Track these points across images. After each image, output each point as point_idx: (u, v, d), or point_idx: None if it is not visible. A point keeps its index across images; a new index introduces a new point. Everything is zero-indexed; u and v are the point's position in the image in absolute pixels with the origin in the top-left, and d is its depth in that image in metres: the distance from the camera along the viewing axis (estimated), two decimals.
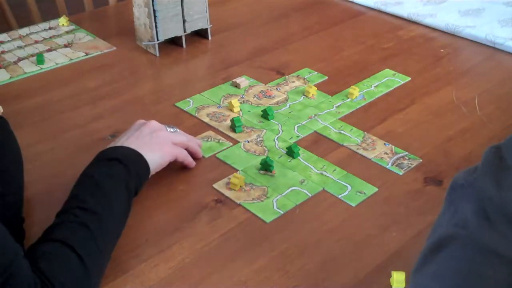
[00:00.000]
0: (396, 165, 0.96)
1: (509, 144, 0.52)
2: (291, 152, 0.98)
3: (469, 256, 0.52)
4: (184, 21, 1.31)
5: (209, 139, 1.03)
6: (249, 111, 1.10)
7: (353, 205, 0.89)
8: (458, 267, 0.53)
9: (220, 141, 1.02)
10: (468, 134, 1.05)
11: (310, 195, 0.90)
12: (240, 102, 1.12)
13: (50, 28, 1.41)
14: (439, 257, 0.54)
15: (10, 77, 1.21)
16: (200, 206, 0.88)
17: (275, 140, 1.02)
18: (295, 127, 1.06)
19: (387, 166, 0.96)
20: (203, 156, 0.98)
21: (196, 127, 1.06)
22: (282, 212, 0.87)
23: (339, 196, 0.90)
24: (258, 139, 1.03)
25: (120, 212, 0.79)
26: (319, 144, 1.02)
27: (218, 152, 0.99)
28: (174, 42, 1.34)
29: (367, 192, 0.91)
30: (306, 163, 0.97)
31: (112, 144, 0.88)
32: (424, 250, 0.56)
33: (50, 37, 1.37)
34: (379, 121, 1.08)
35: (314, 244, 0.82)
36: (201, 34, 1.37)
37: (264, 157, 0.96)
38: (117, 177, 0.81)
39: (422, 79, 1.22)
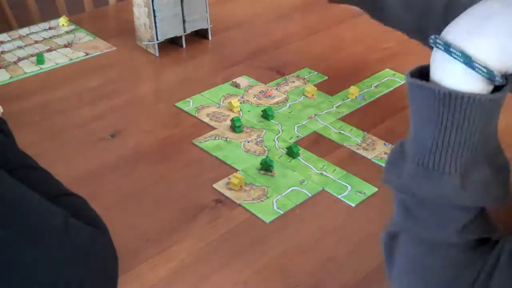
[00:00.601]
0: None
1: (408, 137, 0.54)
2: (291, 152, 0.98)
3: (407, 251, 0.55)
4: (184, 21, 1.31)
5: (217, 138, 1.03)
6: (249, 111, 1.10)
7: (353, 205, 0.89)
8: (406, 264, 0.56)
9: (228, 139, 1.02)
10: None
11: (310, 195, 0.90)
12: (240, 102, 1.12)
13: (50, 28, 1.41)
14: (393, 256, 0.57)
15: (10, 77, 1.21)
16: (200, 206, 0.88)
17: (275, 140, 1.02)
18: (295, 127, 1.06)
19: None
20: (211, 154, 0.98)
21: (196, 127, 1.06)
22: (282, 212, 0.87)
23: (339, 196, 0.90)
24: (258, 139, 1.03)
25: None
26: (319, 144, 1.02)
27: (221, 151, 0.99)
28: (174, 42, 1.34)
29: (367, 192, 0.91)
30: (306, 163, 0.97)
31: None
32: (383, 245, 0.59)
33: (50, 37, 1.37)
34: (379, 121, 1.08)
35: (314, 244, 0.82)
36: (201, 34, 1.37)
37: (264, 157, 0.96)
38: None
39: None
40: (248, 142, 1.02)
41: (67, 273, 0.60)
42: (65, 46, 1.33)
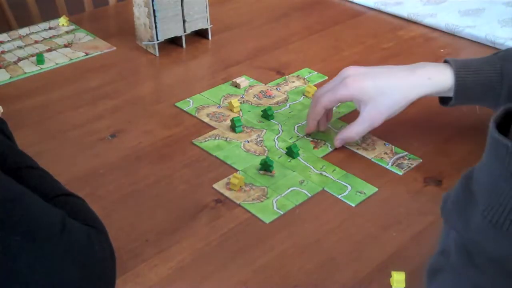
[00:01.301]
0: (396, 165, 0.96)
1: (478, 174, 0.48)
2: (291, 152, 0.98)
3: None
4: (184, 21, 1.31)
5: (217, 138, 1.02)
6: (249, 111, 1.10)
7: (353, 205, 0.89)
8: None
9: (228, 139, 1.02)
10: (468, 134, 1.05)
11: (310, 195, 0.90)
12: (240, 102, 1.12)
13: (50, 28, 1.41)
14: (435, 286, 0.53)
15: (10, 77, 1.21)
16: (200, 206, 0.88)
17: (275, 140, 1.02)
18: (295, 127, 1.06)
19: (387, 166, 0.96)
20: (211, 154, 0.98)
21: (196, 127, 1.06)
22: (282, 213, 0.87)
23: (339, 196, 0.90)
24: (258, 139, 1.03)
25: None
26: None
27: (221, 151, 0.99)
28: (174, 42, 1.34)
29: (367, 192, 0.91)
30: (306, 163, 0.97)
31: None
32: (426, 271, 0.55)
33: (50, 37, 1.37)
34: None
35: (314, 244, 0.82)
36: (201, 34, 1.37)
37: (264, 157, 0.96)
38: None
39: None
40: (248, 142, 1.02)
41: (64, 274, 0.60)
42: (65, 46, 1.33)
